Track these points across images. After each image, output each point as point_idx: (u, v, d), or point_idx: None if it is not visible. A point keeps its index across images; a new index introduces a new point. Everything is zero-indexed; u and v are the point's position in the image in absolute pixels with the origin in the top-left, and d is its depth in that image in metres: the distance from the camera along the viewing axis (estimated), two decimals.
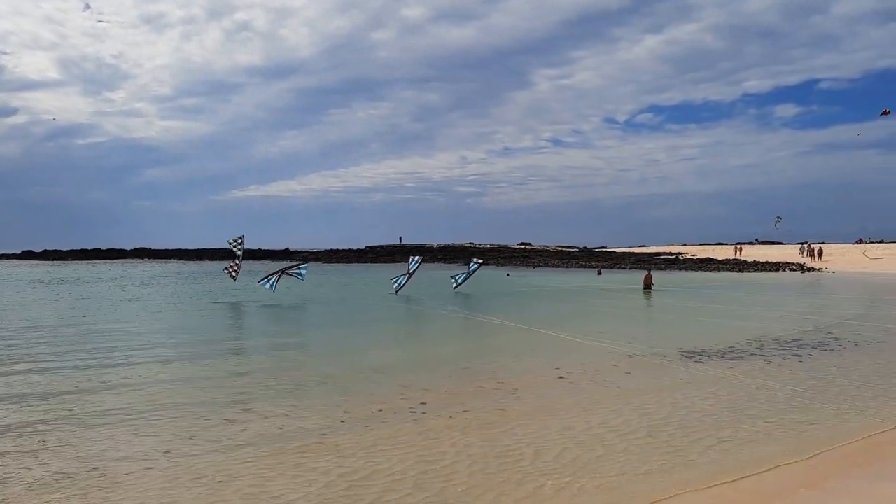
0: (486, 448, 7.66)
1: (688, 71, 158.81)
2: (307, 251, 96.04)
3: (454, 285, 33.38)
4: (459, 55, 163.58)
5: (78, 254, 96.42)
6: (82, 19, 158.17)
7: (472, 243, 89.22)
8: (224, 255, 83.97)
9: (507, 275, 49.77)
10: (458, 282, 33.50)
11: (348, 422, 8.82)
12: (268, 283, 28.44)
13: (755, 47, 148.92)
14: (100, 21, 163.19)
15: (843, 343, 15.53)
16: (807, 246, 64.34)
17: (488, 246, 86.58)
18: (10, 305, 27.08)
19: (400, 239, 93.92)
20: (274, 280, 28.53)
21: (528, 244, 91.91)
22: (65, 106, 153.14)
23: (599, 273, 52.52)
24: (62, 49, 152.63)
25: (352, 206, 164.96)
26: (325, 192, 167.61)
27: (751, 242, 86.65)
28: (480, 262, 36.10)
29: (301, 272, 29.85)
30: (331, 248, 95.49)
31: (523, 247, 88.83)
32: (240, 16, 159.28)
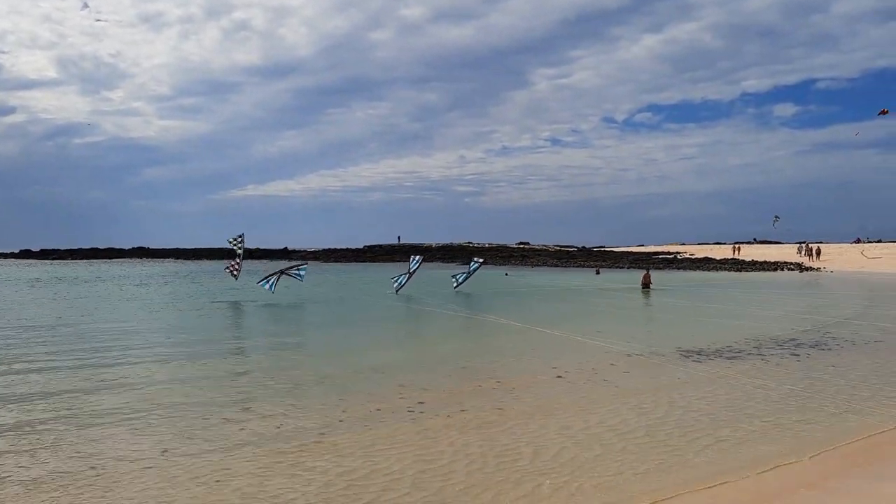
0: (485, 447, 7.67)
1: (687, 70, 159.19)
2: (305, 250, 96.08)
3: (455, 284, 33.43)
4: (458, 55, 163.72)
5: (76, 253, 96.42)
6: (80, 18, 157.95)
7: (470, 243, 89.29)
8: (222, 254, 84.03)
9: (506, 274, 49.77)
10: (459, 281, 33.55)
11: (346, 421, 8.82)
12: (267, 283, 28.44)
13: (754, 46, 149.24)
14: (98, 20, 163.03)
15: (841, 342, 15.56)
16: (805, 245, 64.47)
17: (487, 245, 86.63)
18: (9, 305, 27.05)
19: (398, 238, 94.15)
20: (273, 281, 28.53)
21: (527, 244, 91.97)
22: (63, 105, 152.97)
23: (598, 272, 52.61)
24: (60, 48, 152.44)
25: (350, 205, 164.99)
26: (323, 192, 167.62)
27: (749, 242, 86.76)
28: (481, 261, 36.15)
29: (300, 273, 29.85)
30: (329, 248, 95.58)
31: (522, 246, 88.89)
32: (238, 15, 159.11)
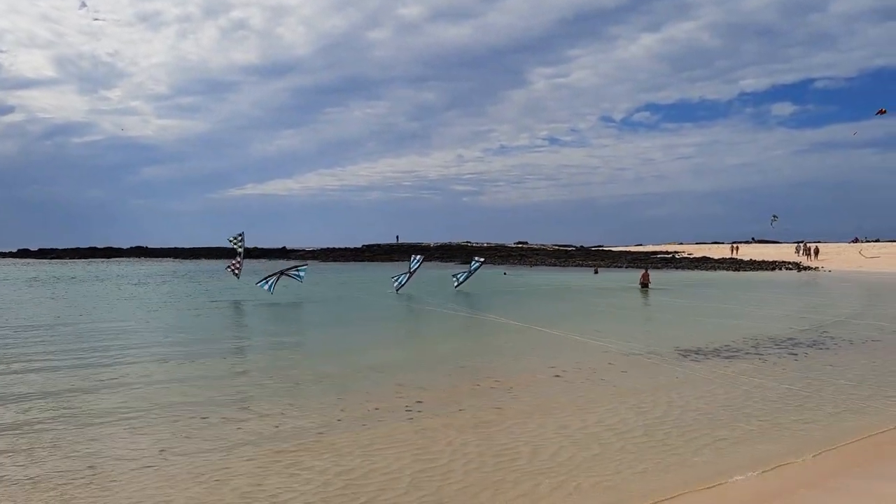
0: (483, 447, 7.67)
1: (684, 69, 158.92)
2: (304, 250, 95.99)
3: (455, 284, 33.53)
4: (456, 54, 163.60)
5: (74, 252, 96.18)
6: (78, 17, 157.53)
7: (469, 242, 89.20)
8: (221, 254, 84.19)
9: (504, 273, 49.78)
10: (460, 280, 33.65)
11: (345, 420, 8.83)
12: (266, 284, 28.42)
13: (752, 46, 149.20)
14: (96, 19, 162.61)
15: (839, 342, 15.58)
16: (803, 245, 64.54)
17: (485, 245, 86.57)
18: (7, 304, 26.99)
19: (397, 238, 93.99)
20: (273, 282, 28.50)
21: (525, 243, 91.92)
22: (61, 104, 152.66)
23: (596, 272, 52.65)
24: (58, 47, 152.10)
25: (349, 204, 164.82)
26: (321, 191, 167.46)
27: (747, 241, 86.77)
28: (482, 260, 36.27)
29: (300, 274, 29.81)
30: (327, 247, 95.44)
31: (520, 245, 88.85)
32: (236, 14, 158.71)
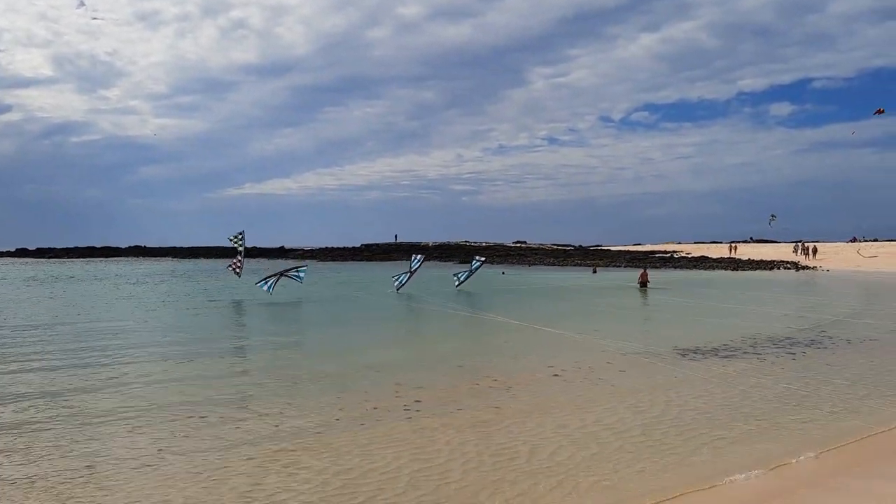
0: (481, 446, 7.68)
1: (683, 69, 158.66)
2: (302, 249, 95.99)
3: (456, 283, 33.67)
4: (455, 53, 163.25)
5: (72, 252, 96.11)
6: (76, 16, 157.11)
7: (467, 241, 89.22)
8: (219, 253, 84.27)
9: (503, 273, 49.85)
10: (461, 280, 33.79)
11: (343, 420, 8.83)
12: (265, 284, 28.39)
13: (750, 46, 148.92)
14: (94, 18, 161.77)
15: (837, 341, 15.61)
16: (801, 244, 64.66)
17: (484, 244, 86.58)
18: (5, 303, 26.95)
19: (395, 237, 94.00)
20: (272, 282, 28.47)
21: (524, 242, 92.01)
22: (59, 103, 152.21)
23: (594, 271, 52.73)
24: (56, 46, 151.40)
25: (347, 204, 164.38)
26: (320, 190, 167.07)
27: (746, 241, 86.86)
28: (483, 259, 36.44)
29: (300, 275, 29.76)
30: (326, 247, 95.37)
31: (519, 245, 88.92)
32: (235, 13, 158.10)
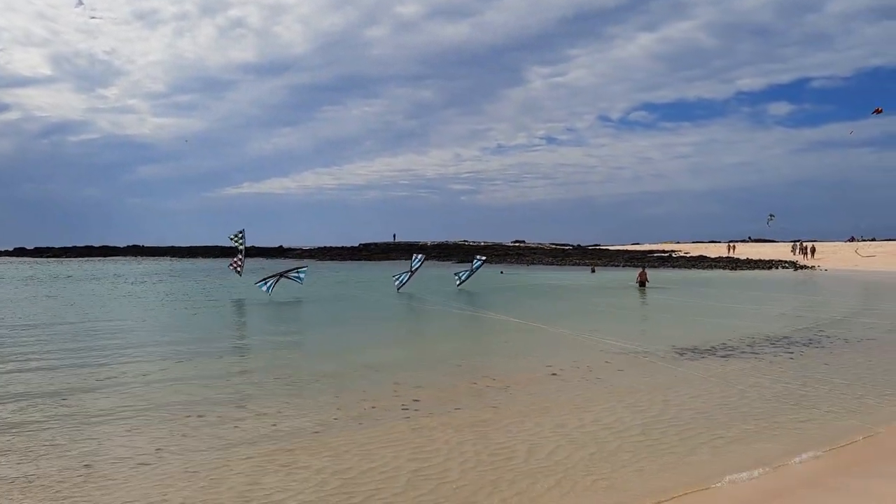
0: (480, 446, 7.68)
1: (681, 69, 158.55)
2: (301, 248, 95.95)
3: (457, 282, 33.82)
4: (454, 52, 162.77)
5: (70, 251, 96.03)
6: (75, 15, 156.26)
7: (466, 241, 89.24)
8: (217, 252, 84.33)
9: (501, 272, 49.87)
10: (462, 279, 33.95)
11: (342, 419, 8.83)
12: (265, 285, 28.37)
13: (748, 45, 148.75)
14: (92, 17, 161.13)
15: (835, 340, 15.63)
16: (799, 244, 64.77)
17: (482, 243, 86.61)
18: (3, 302, 26.90)
19: (394, 236, 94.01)
20: (272, 283, 28.45)
21: (522, 242, 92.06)
22: (57, 102, 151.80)
23: (593, 271, 52.78)
24: (54, 45, 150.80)
25: (345, 203, 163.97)
26: (318, 190, 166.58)
27: (744, 240, 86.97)
28: (483, 259, 36.67)
29: (300, 276, 29.71)
30: (324, 246, 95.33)
31: (517, 244, 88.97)
32: (233, 12, 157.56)
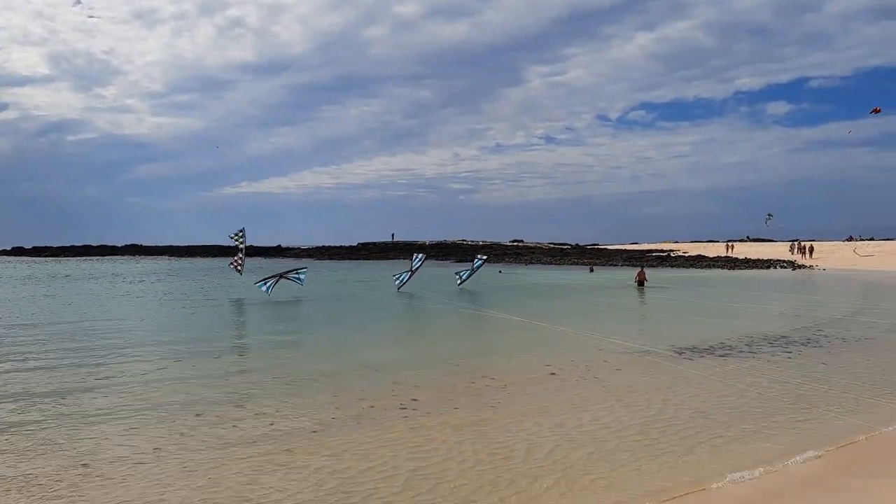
0: (478, 445, 7.68)
1: (679, 68, 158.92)
2: (299, 248, 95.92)
3: (458, 282, 33.92)
4: (452, 52, 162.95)
5: (69, 250, 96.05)
6: (73, 14, 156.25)
7: (464, 240, 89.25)
8: (216, 251, 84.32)
9: (500, 272, 49.88)
10: (463, 278, 34.06)
11: (340, 419, 8.82)
12: (264, 285, 28.34)
13: (746, 45, 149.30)
14: (90, 16, 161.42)
15: (833, 340, 15.65)
16: (797, 243, 64.88)
17: (481, 243, 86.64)
18: (1, 302, 26.86)
19: (392, 236, 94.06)
20: (271, 284, 28.41)
21: (521, 241, 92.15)
22: (55, 102, 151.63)
23: (591, 270, 52.82)
24: (52, 44, 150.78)
25: (344, 202, 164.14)
26: (317, 189, 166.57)
27: (742, 240, 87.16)
28: (484, 258, 36.82)
29: (300, 276, 29.67)
30: (323, 245, 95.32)
31: (516, 244, 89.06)
32: (232, 12, 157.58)
